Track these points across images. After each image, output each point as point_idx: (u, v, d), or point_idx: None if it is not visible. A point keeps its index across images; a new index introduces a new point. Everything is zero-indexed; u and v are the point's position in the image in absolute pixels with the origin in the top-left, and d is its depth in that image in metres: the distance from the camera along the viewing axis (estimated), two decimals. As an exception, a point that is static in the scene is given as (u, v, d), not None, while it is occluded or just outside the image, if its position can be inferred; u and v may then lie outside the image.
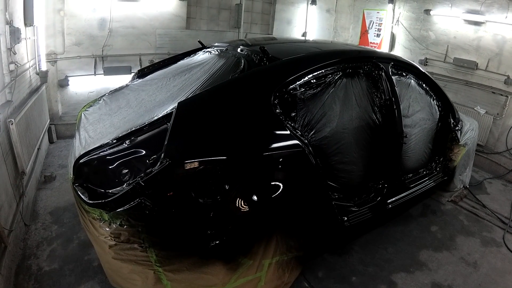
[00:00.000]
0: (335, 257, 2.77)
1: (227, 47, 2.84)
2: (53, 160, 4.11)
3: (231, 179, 1.72)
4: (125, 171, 1.66)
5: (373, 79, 2.54)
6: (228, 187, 1.69)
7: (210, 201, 1.65)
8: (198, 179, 1.64)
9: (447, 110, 3.33)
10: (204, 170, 1.64)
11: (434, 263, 2.85)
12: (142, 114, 2.13)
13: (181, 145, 1.69)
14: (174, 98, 2.12)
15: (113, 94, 2.80)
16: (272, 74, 2.12)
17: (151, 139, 1.78)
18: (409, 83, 2.92)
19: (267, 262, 1.99)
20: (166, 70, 2.88)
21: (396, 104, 2.61)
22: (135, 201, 1.55)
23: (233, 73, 2.20)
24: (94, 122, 2.38)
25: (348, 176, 2.47)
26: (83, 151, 1.91)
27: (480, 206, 3.76)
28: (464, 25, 4.63)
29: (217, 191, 1.67)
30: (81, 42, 4.63)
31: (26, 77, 3.62)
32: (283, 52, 2.42)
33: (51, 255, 2.57)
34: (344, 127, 2.35)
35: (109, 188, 1.65)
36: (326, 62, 2.24)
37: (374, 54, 2.67)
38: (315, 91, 2.18)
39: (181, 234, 1.69)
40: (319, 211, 2.22)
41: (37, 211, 3.10)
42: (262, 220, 1.89)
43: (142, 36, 5.05)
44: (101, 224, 1.62)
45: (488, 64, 4.44)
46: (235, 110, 1.92)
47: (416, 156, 3.08)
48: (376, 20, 5.63)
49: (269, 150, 1.86)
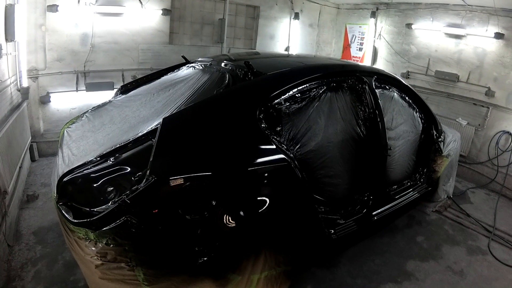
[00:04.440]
0: (323, 270, 2.82)
1: (211, 62, 2.91)
2: (36, 179, 4.06)
3: (217, 195, 1.76)
4: (110, 189, 1.68)
5: (357, 92, 2.65)
6: (215, 203, 1.73)
7: (197, 217, 1.69)
8: (185, 196, 1.68)
9: (430, 122, 3.46)
10: (190, 186, 1.68)
11: (421, 273, 2.93)
12: (126, 131, 2.16)
13: (167, 162, 1.72)
14: (158, 114, 2.16)
15: (96, 111, 2.82)
16: (257, 88, 2.19)
17: (136, 156, 1.81)
18: (392, 96, 3.04)
19: (256, 277, 2.01)
20: (150, 85, 2.93)
21: (380, 117, 2.72)
22: (121, 219, 1.57)
23: (218, 88, 2.26)
24: (77, 139, 2.39)
25: (334, 189, 2.54)
26: (66, 169, 1.92)
27: (464, 215, 3.90)
28: (445, 38, 4.83)
29: (204, 207, 1.71)
30: (63, 57, 4.63)
31: (7, 94, 3.60)
32: (267, 66, 2.50)
33: (36, 276, 2.53)
34: (329, 141, 2.43)
35: (94, 206, 1.66)
36: (310, 76, 2.33)
37: (357, 68, 2.79)
38: (300, 105, 2.27)
39: (169, 252, 1.71)
40: (306, 225, 2.27)
41: (20, 231, 3.05)
42: (250, 235, 1.93)
43: (124, 51, 5.08)
44: (86, 243, 1.62)
45: (469, 76, 4.63)
46: (220, 125, 1.97)
47: (400, 168, 3.18)
48: (358, 35, 5.86)
49: (255, 165, 1.91)
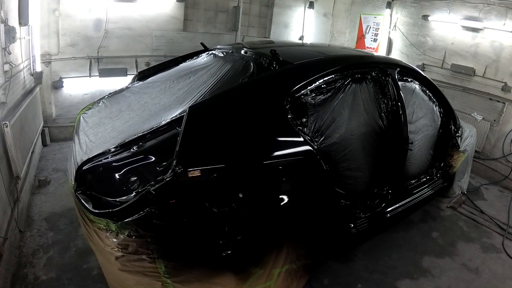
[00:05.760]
0: (340, 264, 2.74)
1: (231, 50, 2.78)
2: (47, 164, 3.98)
3: (246, 187, 1.66)
4: (133, 179, 1.58)
5: (380, 84, 2.52)
6: (242, 195, 1.62)
7: (224, 210, 1.59)
8: (212, 187, 1.58)
9: (448, 117, 3.35)
10: (218, 177, 1.58)
11: (437, 269, 2.85)
12: (147, 118, 2.06)
13: (194, 151, 1.62)
14: (181, 102, 2.06)
15: (113, 97, 2.72)
16: (285, 78, 2.08)
17: (160, 145, 1.70)
18: (414, 89, 2.93)
19: (276, 271, 1.94)
20: (168, 72, 2.81)
21: (403, 110, 2.60)
22: (145, 211, 1.47)
23: (243, 77, 2.15)
24: (94, 125, 2.29)
25: (354, 182, 2.45)
26: (85, 156, 1.82)
27: (478, 212, 3.79)
28: (462, 31, 4.67)
29: (231, 200, 1.61)
30: (76, 43, 4.52)
31: (20, 78, 3.51)
32: (292, 56, 2.38)
33: (48, 263, 2.46)
34: (352, 133, 2.33)
35: (115, 196, 1.56)
36: (337, 67, 2.22)
37: (381, 60, 2.67)
38: (325, 97, 2.16)
39: (192, 245, 1.62)
40: (328, 219, 2.19)
41: (32, 217, 2.98)
42: (275, 229, 1.84)
43: (138, 37, 4.95)
44: (107, 234, 1.54)
45: (486, 70, 4.48)
46: (249, 115, 1.86)
47: (418, 162, 3.07)
48: (373, 25, 5.67)
49: (283, 156, 1.81)
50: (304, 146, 1.89)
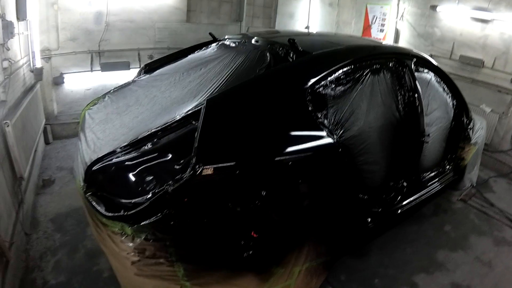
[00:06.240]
0: (355, 259, 2.67)
1: (243, 40, 2.63)
2: (51, 162, 3.83)
3: (268, 184, 1.55)
4: (149, 178, 1.45)
5: (397, 76, 2.40)
6: (265, 193, 1.50)
7: (247, 209, 1.46)
8: (234, 185, 1.47)
9: (461, 109, 3.23)
10: (240, 174, 1.46)
11: (451, 263, 2.78)
12: (158, 113, 1.92)
13: (214, 147, 1.49)
14: (194, 95, 1.92)
15: (119, 91, 2.56)
16: (306, 69, 1.94)
17: (176, 141, 1.57)
18: (429, 81, 2.80)
19: (297, 269, 1.85)
20: (177, 64, 2.65)
21: (419, 102, 2.49)
22: (163, 212, 1.36)
23: (259, 68, 2.01)
24: (100, 122, 2.15)
25: (372, 176, 2.34)
26: (93, 155, 1.69)
27: (488, 205, 3.71)
28: (471, 22, 4.52)
29: (254, 198, 1.49)
30: (77, 37, 4.35)
31: (20, 75, 3.36)
32: (310, 45, 2.23)
33: (57, 266, 2.35)
34: (370, 126, 2.21)
35: (130, 198, 1.44)
36: (356, 57, 2.09)
37: (398, 50, 2.54)
38: (344, 88, 2.03)
39: (214, 246, 1.51)
40: (348, 214, 2.09)
41: (38, 218, 2.85)
42: (298, 226, 1.74)
43: (140, 30, 4.78)
44: (122, 238, 1.42)
45: (495, 62, 4.35)
46: (270, 107, 1.73)
47: (431, 155, 2.97)
48: (379, 15, 5.48)
49: (307, 151, 1.70)
50: (325, 139, 1.78)
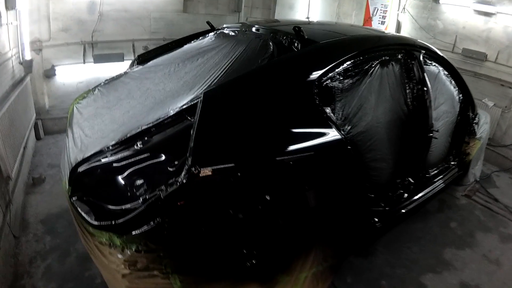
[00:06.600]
0: (361, 260, 2.54)
1: (243, 28, 2.44)
2: (42, 159, 3.63)
3: (274, 186, 1.39)
4: (139, 182, 1.27)
5: (406, 68, 2.24)
6: (270, 197, 1.34)
7: (249, 215, 1.30)
8: (235, 189, 1.30)
9: (467, 103, 3.09)
10: (242, 176, 1.29)
11: (459, 262, 2.67)
12: (151, 107, 1.74)
13: (213, 147, 1.32)
14: (190, 88, 1.74)
15: (110, 84, 2.37)
16: (313, 59, 1.76)
17: (170, 140, 1.40)
18: (436, 74, 2.64)
19: (303, 275, 1.70)
20: (172, 54, 2.45)
21: (428, 96, 2.34)
22: (156, 220, 1.19)
23: (262, 58, 1.83)
24: (89, 117, 1.97)
25: (379, 174, 2.18)
26: (80, 154, 1.51)
27: (492, 200, 3.59)
28: (474, 15, 4.37)
29: (257, 203, 1.33)
30: (69, 27, 4.12)
31: (8, 68, 3.15)
32: (316, 34, 2.05)
33: (47, 272, 2.19)
34: (378, 121, 2.05)
35: (118, 204, 1.27)
36: (367, 47, 1.92)
37: (407, 41, 2.36)
38: (353, 81, 1.86)
39: (213, 256, 1.35)
40: (356, 214, 1.95)
41: (27, 219, 2.68)
42: (305, 230, 1.59)
43: (135, 20, 4.53)
44: (111, 250, 1.25)
45: (498, 56, 4.21)
46: (274, 101, 1.56)
47: (438, 151, 2.83)
48: (380, 7, 5.28)
49: (315, 149, 1.53)
50: (334, 136, 1.62)
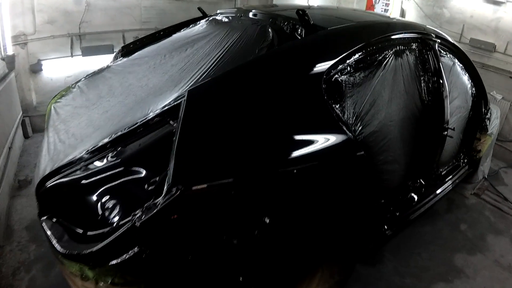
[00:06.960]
0: (368, 268, 2.34)
1: (238, 14, 2.18)
2: (29, 159, 3.39)
3: (275, 202, 1.16)
4: (111, 203, 1.04)
5: (422, 59, 1.99)
6: (269, 221, 1.10)
7: (245, 240, 1.07)
8: (228, 210, 1.06)
9: (480, 97, 2.86)
10: (236, 194, 1.05)
11: (471, 268, 2.48)
12: (131, 107, 1.51)
13: (199, 159, 1.06)
14: (176, 83, 1.50)
15: (91, 79, 2.10)
16: (321, 48, 1.50)
17: (148, 150, 1.16)
18: (451, 66, 2.41)
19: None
20: (160, 45, 2.20)
21: (444, 90, 2.10)
22: (134, 250, 0.96)
23: (259, 47, 1.57)
24: (66, 118, 1.72)
25: (391, 177, 1.96)
26: (50, 164, 1.28)
27: (501, 199, 3.38)
28: (483, 4, 4.11)
29: (255, 224, 1.10)
30: (55, 19, 3.83)
31: (-10, 64, 2.89)
32: (322, 19, 1.78)
33: (31, 285, 2.01)
34: (392, 119, 1.81)
35: (89, 229, 1.04)
36: (380, 36, 1.67)
37: (422, 30, 2.10)
38: (365, 74, 1.61)
39: (202, 286, 1.12)
40: (367, 225, 1.74)
41: (12, 226, 2.47)
42: (311, 249, 1.37)
43: (125, 9, 4.23)
44: (84, 282, 1.02)
45: (507, 47, 3.96)
46: (275, 99, 1.29)
47: (450, 148, 2.62)
48: (384, -6, 5.02)
49: (323, 157, 1.29)
50: (345, 140, 1.38)
